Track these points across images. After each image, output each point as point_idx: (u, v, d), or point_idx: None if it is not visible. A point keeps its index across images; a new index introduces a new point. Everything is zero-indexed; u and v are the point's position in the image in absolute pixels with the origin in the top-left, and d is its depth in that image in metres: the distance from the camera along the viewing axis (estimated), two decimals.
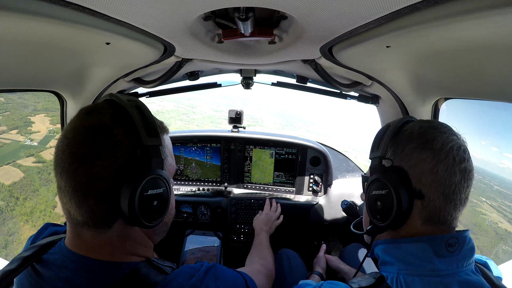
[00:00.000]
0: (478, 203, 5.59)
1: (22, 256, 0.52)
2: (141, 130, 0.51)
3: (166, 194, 0.55)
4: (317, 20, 0.66)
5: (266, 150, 1.84)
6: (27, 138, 5.92)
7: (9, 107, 6.09)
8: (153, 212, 0.52)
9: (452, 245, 0.56)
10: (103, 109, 0.52)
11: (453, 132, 0.60)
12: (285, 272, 1.31)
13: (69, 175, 0.47)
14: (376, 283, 0.58)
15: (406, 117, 0.69)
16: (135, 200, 0.48)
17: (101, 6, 0.57)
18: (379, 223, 0.63)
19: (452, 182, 0.55)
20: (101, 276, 0.50)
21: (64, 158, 0.47)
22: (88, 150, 0.47)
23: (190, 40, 0.87)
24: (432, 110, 1.09)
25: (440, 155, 0.56)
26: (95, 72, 1.10)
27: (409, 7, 0.51)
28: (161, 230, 0.64)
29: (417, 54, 0.80)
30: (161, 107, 33.99)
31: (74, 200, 0.48)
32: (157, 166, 0.53)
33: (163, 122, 0.65)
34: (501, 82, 0.70)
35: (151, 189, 0.50)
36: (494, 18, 0.48)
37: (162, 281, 0.52)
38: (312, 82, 1.52)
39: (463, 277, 0.55)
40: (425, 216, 0.58)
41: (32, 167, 5.43)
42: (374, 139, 0.69)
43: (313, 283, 0.77)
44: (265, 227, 1.44)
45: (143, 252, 0.58)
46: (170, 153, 0.63)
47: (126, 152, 0.49)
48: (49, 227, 0.67)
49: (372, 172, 0.66)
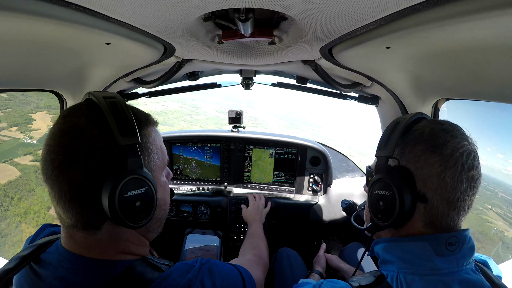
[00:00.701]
0: (483, 211, 5.49)
1: (20, 256, 0.52)
2: (115, 130, 0.48)
3: (150, 193, 0.52)
4: (317, 21, 0.66)
5: (266, 150, 1.84)
6: (26, 136, 5.80)
7: (11, 104, 5.95)
8: (138, 212, 0.51)
9: (452, 244, 0.56)
10: (79, 111, 0.51)
11: (465, 136, 0.58)
12: (285, 271, 1.32)
13: (52, 182, 0.47)
14: (376, 281, 0.58)
15: (418, 114, 0.66)
16: (115, 203, 0.47)
17: (101, 7, 0.57)
18: (380, 222, 0.63)
19: (458, 190, 0.54)
20: (96, 274, 0.50)
21: (46, 165, 0.48)
22: (65, 156, 0.47)
23: (190, 40, 0.87)
24: (432, 111, 1.09)
25: (449, 162, 0.54)
26: (95, 72, 1.10)
27: (409, 8, 0.51)
28: (154, 226, 0.62)
29: (417, 55, 0.80)
30: (165, 107, 33.81)
31: (61, 205, 0.48)
32: (135, 165, 0.50)
33: (150, 114, 0.62)
34: (501, 83, 0.70)
35: (130, 190, 0.49)
36: (494, 19, 0.48)
37: (157, 278, 0.52)
38: (312, 82, 1.52)
39: (463, 276, 0.55)
40: (427, 220, 0.58)
41: (29, 166, 5.27)
42: (382, 136, 0.67)
43: (313, 282, 0.77)
44: (256, 216, 1.45)
45: (137, 250, 0.57)
46: (158, 147, 0.60)
47: (103, 154, 0.48)
48: (47, 227, 0.67)
49: (377, 171, 0.64)
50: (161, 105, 33.16)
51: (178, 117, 33.18)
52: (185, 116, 34.17)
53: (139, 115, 0.57)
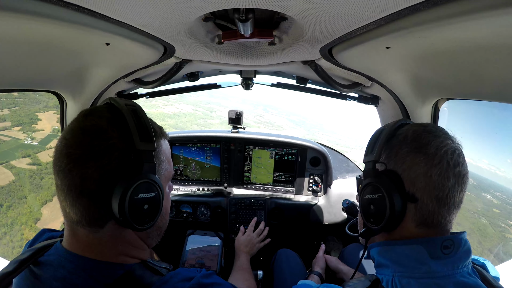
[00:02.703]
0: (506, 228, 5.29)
1: (19, 259, 0.52)
2: (135, 135, 0.51)
3: (158, 199, 0.55)
4: (317, 21, 0.66)
5: (266, 151, 1.84)
6: (28, 137, 5.69)
7: (20, 102, 5.80)
8: (144, 215, 0.53)
9: (447, 247, 0.56)
10: (101, 113, 0.54)
11: (448, 136, 0.60)
12: (285, 272, 1.32)
13: (64, 175, 0.49)
14: (372, 286, 0.58)
15: (401, 120, 0.69)
16: (125, 203, 0.49)
17: (101, 7, 0.57)
18: (372, 226, 0.63)
19: (446, 186, 0.55)
20: (97, 276, 0.50)
21: (61, 158, 0.49)
22: (83, 151, 0.48)
23: (190, 41, 0.87)
24: (432, 111, 1.09)
25: (434, 160, 0.56)
26: (95, 73, 1.10)
27: (409, 8, 0.51)
28: (154, 234, 0.64)
29: (417, 55, 0.80)
30: (178, 110, 33.24)
31: (69, 198, 0.49)
32: (149, 171, 0.53)
33: (163, 127, 0.65)
34: (501, 82, 0.70)
35: (142, 193, 0.51)
36: (494, 18, 0.48)
37: (157, 281, 0.52)
38: (312, 83, 1.52)
39: (459, 279, 0.55)
40: (418, 219, 0.58)
41: (25, 170, 5.08)
42: (368, 143, 0.69)
43: (312, 283, 0.77)
44: (245, 248, 1.39)
45: (136, 254, 0.58)
46: (167, 158, 0.63)
47: (120, 155, 0.50)
48: (45, 232, 0.67)
49: (366, 176, 0.66)
50: (175, 108, 32.66)
51: (191, 121, 32.55)
52: (199, 120, 33.43)
53: (154, 126, 0.60)
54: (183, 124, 30.77)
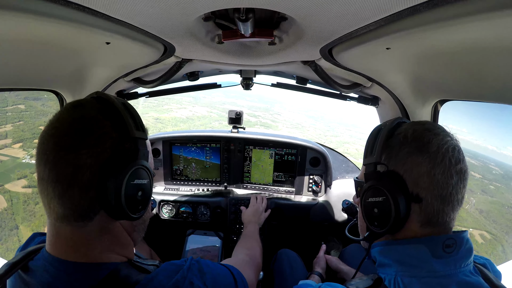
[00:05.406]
0: None
1: (10, 262, 0.52)
2: (129, 123, 0.52)
3: (149, 186, 0.56)
4: (317, 21, 0.66)
5: (266, 151, 1.84)
6: (28, 154, 5.24)
7: (25, 116, 5.39)
8: (137, 203, 0.53)
9: (449, 246, 0.56)
10: (90, 104, 0.54)
11: (447, 133, 0.60)
12: (285, 273, 1.32)
13: (53, 164, 0.47)
14: (374, 285, 0.58)
15: (398, 118, 0.68)
16: (122, 189, 0.49)
17: (101, 6, 0.57)
18: (377, 229, 0.62)
19: (449, 184, 0.55)
20: (81, 279, 0.49)
21: (49, 147, 0.47)
22: (75, 139, 0.47)
23: (190, 40, 0.87)
24: (432, 111, 1.09)
25: (436, 158, 0.55)
26: (95, 72, 1.10)
27: (410, 9, 0.51)
28: (140, 227, 0.63)
29: (417, 56, 0.80)
30: (192, 113, 31.53)
31: (57, 190, 0.47)
32: (144, 157, 0.54)
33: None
34: (501, 84, 0.70)
35: (137, 179, 0.52)
36: (494, 20, 0.48)
37: (143, 280, 0.51)
38: (312, 83, 1.52)
39: (461, 277, 0.55)
40: (423, 219, 0.58)
41: (19, 194, 4.55)
42: (367, 143, 0.68)
43: (313, 283, 0.77)
44: (254, 218, 1.45)
45: (121, 251, 0.56)
46: (150, 149, 0.65)
47: (113, 144, 0.50)
48: (36, 237, 0.66)
49: (367, 178, 0.65)
50: (189, 111, 31.08)
51: (204, 124, 30.61)
52: (213, 123, 30.89)
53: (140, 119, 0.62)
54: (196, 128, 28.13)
